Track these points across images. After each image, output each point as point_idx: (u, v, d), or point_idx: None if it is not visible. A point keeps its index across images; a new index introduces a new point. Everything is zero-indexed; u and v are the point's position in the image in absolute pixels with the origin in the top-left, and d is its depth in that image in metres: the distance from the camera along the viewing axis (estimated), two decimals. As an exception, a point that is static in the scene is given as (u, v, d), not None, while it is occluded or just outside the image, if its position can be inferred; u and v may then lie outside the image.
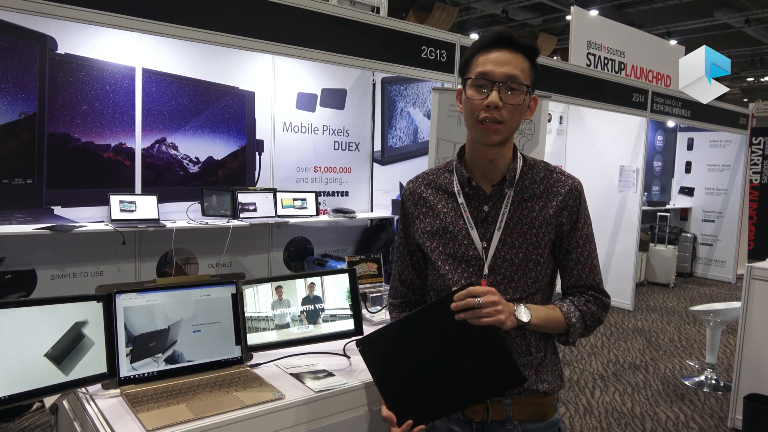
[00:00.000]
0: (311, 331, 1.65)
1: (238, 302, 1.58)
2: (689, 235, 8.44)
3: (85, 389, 1.37)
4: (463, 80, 1.31)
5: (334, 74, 5.03)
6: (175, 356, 1.46)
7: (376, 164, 5.38)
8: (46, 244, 3.72)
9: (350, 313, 1.69)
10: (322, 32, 3.69)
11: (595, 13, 8.28)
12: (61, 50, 3.71)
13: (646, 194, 8.02)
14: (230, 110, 4.48)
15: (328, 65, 4.49)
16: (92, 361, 1.35)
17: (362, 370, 1.57)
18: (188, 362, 1.48)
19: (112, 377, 1.38)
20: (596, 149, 6.71)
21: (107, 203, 3.84)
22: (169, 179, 4.22)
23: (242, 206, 4.31)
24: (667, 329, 5.76)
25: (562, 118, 6.85)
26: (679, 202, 8.77)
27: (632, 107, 6.23)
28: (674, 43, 8.54)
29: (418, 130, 4.87)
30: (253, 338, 1.59)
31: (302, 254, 4.98)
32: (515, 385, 1.24)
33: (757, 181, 8.48)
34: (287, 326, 1.63)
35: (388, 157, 5.23)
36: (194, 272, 4.37)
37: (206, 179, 4.39)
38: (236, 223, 4.21)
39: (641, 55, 7.23)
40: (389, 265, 4.28)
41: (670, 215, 8.12)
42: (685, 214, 8.73)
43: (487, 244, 1.30)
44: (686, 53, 6.74)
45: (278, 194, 4.55)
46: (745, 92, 18.90)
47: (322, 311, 1.67)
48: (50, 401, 1.41)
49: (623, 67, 7.01)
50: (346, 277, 1.72)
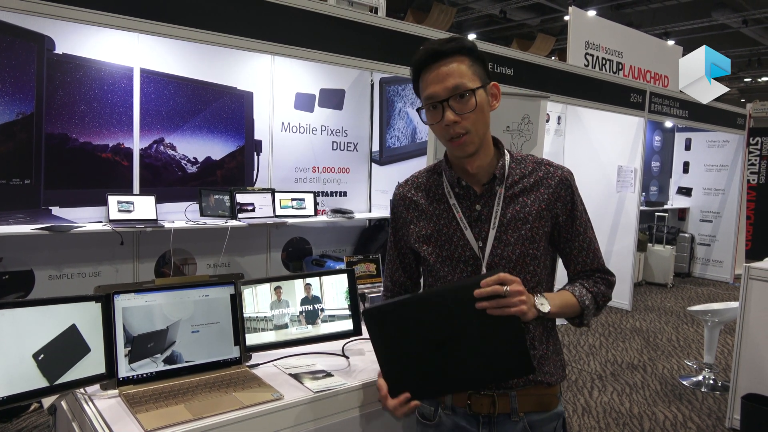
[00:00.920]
0: (310, 331, 1.66)
1: (236, 303, 1.57)
2: (687, 235, 8.45)
3: (83, 390, 1.37)
4: (419, 111, 1.33)
5: (332, 74, 5.02)
6: (173, 357, 1.46)
7: (374, 164, 5.38)
8: (44, 244, 3.72)
9: (349, 313, 1.70)
10: (320, 32, 3.69)
11: (593, 13, 8.30)
12: (58, 50, 3.71)
13: (644, 194, 8.03)
14: (228, 110, 4.48)
15: (326, 65, 4.49)
16: (90, 362, 1.35)
17: (361, 370, 1.57)
18: (187, 363, 1.48)
19: (110, 378, 1.38)
20: (594, 149, 6.72)
21: (105, 203, 3.83)
22: (167, 179, 4.21)
23: (240, 206, 4.30)
24: (665, 329, 5.77)
25: (560, 118, 6.86)
26: (676, 202, 8.79)
27: (630, 107, 6.25)
28: (672, 43, 8.56)
29: (416, 130, 4.87)
30: (251, 338, 1.59)
31: (301, 254, 4.97)
32: (523, 375, 1.26)
33: (754, 181, 8.51)
34: (286, 327, 1.63)
35: (386, 157, 5.23)
36: (192, 273, 4.37)
37: (204, 179, 4.39)
38: (234, 223, 4.20)
39: (639, 55, 7.24)
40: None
41: (668, 215, 8.13)
42: (682, 214, 8.75)
43: (482, 243, 1.31)
44: (684, 53, 6.76)
45: (276, 194, 4.54)
46: (742, 92, 18.94)
47: (321, 312, 1.67)
48: (48, 402, 1.41)
49: (621, 67, 7.02)
50: (344, 277, 1.72)
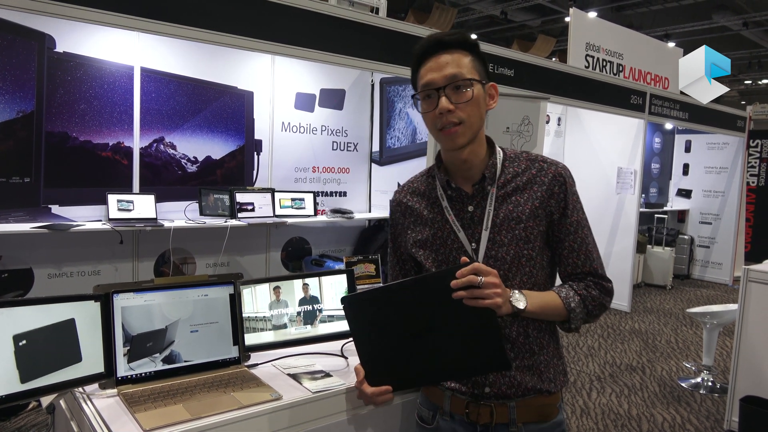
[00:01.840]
0: (309, 331, 1.66)
1: (235, 302, 1.57)
2: (686, 237, 8.46)
3: (82, 389, 1.37)
4: (414, 99, 1.33)
5: (332, 74, 5.02)
6: (172, 356, 1.46)
7: (374, 165, 5.38)
8: (43, 242, 3.71)
9: (348, 313, 1.70)
10: (321, 32, 3.69)
11: (593, 14, 8.30)
12: (59, 49, 3.70)
13: (643, 196, 8.03)
14: (229, 110, 4.48)
15: (326, 65, 4.49)
16: (87, 361, 1.35)
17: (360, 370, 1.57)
18: (186, 362, 1.48)
19: (109, 377, 1.38)
20: (594, 151, 6.72)
21: (105, 202, 3.83)
22: (167, 179, 4.21)
23: (240, 206, 4.30)
24: (664, 331, 5.77)
25: (560, 119, 6.87)
26: (676, 204, 8.79)
27: (630, 109, 6.25)
28: (672, 45, 8.56)
29: (416, 130, 4.87)
30: (250, 338, 1.59)
31: (300, 254, 4.97)
32: (499, 370, 1.25)
33: (754, 183, 8.51)
34: (285, 327, 1.63)
35: (386, 157, 5.23)
36: (192, 272, 4.37)
37: (204, 179, 4.39)
38: (234, 222, 4.20)
39: (639, 57, 7.25)
40: (387, 265, 4.27)
41: (667, 217, 8.13)
42: (682, 216, 8.76)
43: (476, 245, 1.29)
44: (684, 55, 6.76)
45: (276, 194, 4.53)
46: (742, 95, 18.94)
47: (319, 312, 1.67)
48: (47, 401, 1.41)
49: (621, 69, 7.02)
50: (343, 278, 1.72)
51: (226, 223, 4.17)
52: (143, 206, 3.93)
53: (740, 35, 12.18)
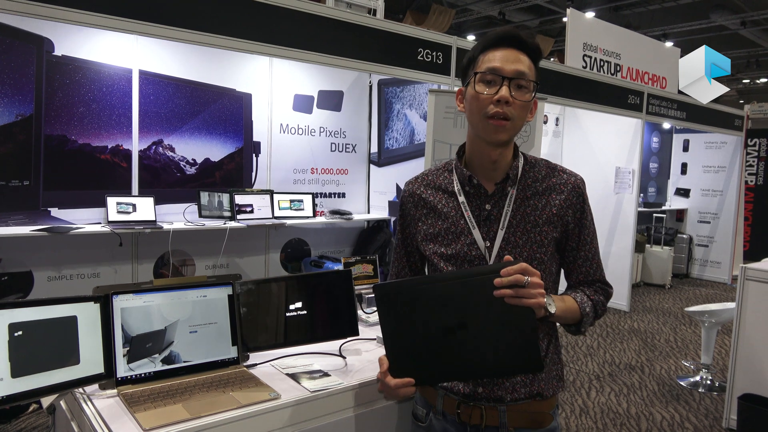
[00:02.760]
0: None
1: (234, 303, 1.59)
2: (685, 236, 8.47)
3: (82, 389, 1.38)
4: (468, 77, 1.29)
5: (330, 76, 5.04)
6: (171, 357, 1.47)
7: (372, 166, 5.40)
8: (43, 245, 3.73)
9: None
10: (318, 34, 3.71)
11: (591, 15, 8.32)
12: (58, 52, 3.72)
13: (642, 195, 8.05)
14: (227, 112, 4.49)
15: (324, 67, 4.50)
16: (87, 361, 1.36)
17: (358, 370, 1.58)
18: (185, 363, 1.48)
19: (109, 378, 1.39)
20: (592, 151, 6.73)
21: (104, 205, 3.84)
22: (165, 181, 4.22)
23: (239, 208, 4.31)
24: (662, 330, 5.78)
25: (558, 119, 6.87)
26: (674, 203, 8.81)
27: (628, 109, 6.26)
28: (670, 45, 8.58)
29: (414, 131, 4.88)
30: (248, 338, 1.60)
31: (299, 255, 4.99)
32: (530, 372, 1.23)
33: (752, 182, 8.51)
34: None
35: (384, 158, 5.25)
36: (191, 274, 4.38)
37: (203, 181, 4.40)
38: (233, 224, 4.21)
39: (637, 57, 7.26)
40: (385, 266, 4.29)
41: (666, 216, 8.15)
42: (680, 215, 8.77)
43: (490, 243, 1.28)
44: (682, 55, 6.79)
45: (275, 196, 4.55)
46: (740, 94, 18.96)
47: (317, 312, 1.68)
48: (47, 401, 1.42)
49: (619, 69, 7.04)
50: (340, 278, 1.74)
51: (225, 224, 4.18)
52: (142, 208, 3.94)
53: (738, 34, 12.20)
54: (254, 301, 1.62)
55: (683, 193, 8.75)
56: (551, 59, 9.07)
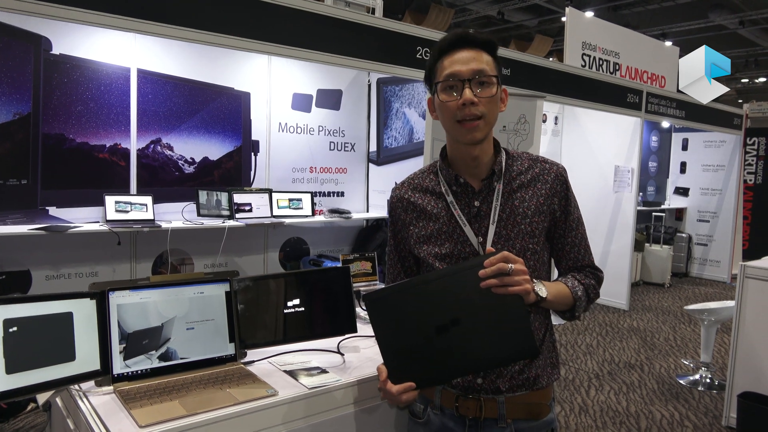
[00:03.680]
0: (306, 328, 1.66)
1: (231, 300, 1.58)
2: (684, 235, 8.47)
3: (78, 386, 1.37)
4: (432, 87, 1.34)
5: (329, 75, 5.03)
6: (168, 353, 1.46)
7: (371, 165, 5.39)
8: (40, 244, 3.71)
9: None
10: (317, 33, 3.70)
11: (590, 14, 8.32)
12: (55, 51, 3.71)
13: (641, 194, 8.04)
14: (226, 111, 4.48)
15: (323, 66, 4.50)
16: (83, 358, 1.35)
17: (356, 367, 1.57)
18: (182, 359, 1.48)
19: (105, 374, 1.38)
20: (591, 150, 6.73)
21: (102, 204, 3.83)
22: (164, 180, 4.21)
23: (238, 206, 4.30)
24: (662, 329, 5.77)
25: (557, 118, 6.87)
26: (674, 202, 8.81)
27: (627, 108, 6.26)
28: (669, 44, 8.58)
29: (413, 130, 4.87)
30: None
31: (298, 254, 4.98)
32: (526, 358, 1.24)
33: (751, 181, 8.50)
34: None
35: (383, 157, 5.24)
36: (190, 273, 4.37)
37: (202, 180, 4.39)
38: (232, 223, 4.19)
39: (636, 56, 7.26)
40: (384, 264, 4.28)
41: (665, 215, 8.15)
42: (680, 214, 8.77)
43: (483, 238, 1.31)
44: (681, 54, 6.78)
45: (274, 195, 4.54)
46: (739, 93, 18.97)
47: (315, 309, 1.68)
48: (43, 398, 1.41)
49: (618, 68, 7.04)
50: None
51: (223, 223, 4.17)
52: (141, 207, 3.93)
53: (737, 34, 12.20)
54: (252, 297, 1.62)
55: (682, 192, 8.75)
56: (550, 59, 9.06)
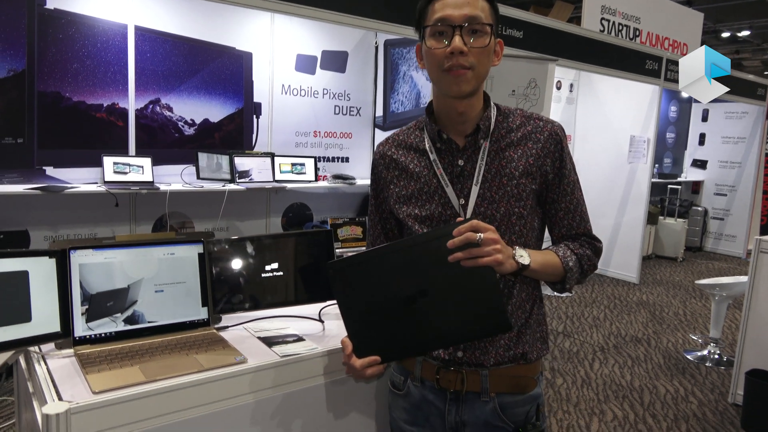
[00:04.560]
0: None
1: (205, 262, 1.49)
2: (700, 208, 8.27)
3: (38, 348, 1.31)
4: (420, 31, 1.22)
5: (335, 35, 4.86)
6: (135, 317, 1.39)
7: (377, 129, 5.25)
8: (38, 204, 3.66)
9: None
10: (320, -11, 3.53)
11: (611, -24, 7.96)
12: (50, 5, 3.59)
13: (657, 166, 7.84)
14: (227, 71, 4.35)
15: (328, 26, 4.33)
16: (40, 319, 1.27)
17: (335, 335, 1.49)
18: (149, 323, 1.41)
19: (66, 337, 1.31)
20: (607, 118, 6.56)
21: (100, 165, 3.76)
22: (163, 141, 4.12)
23: (239, 170, 4.22)
24: (672, 303, 5.66)
25: (572, 85, 6.68)
26: (691, 174, 8.59)
27: (645, 75, 6.03)
28: (692, 10, 8.21)
29: (420, 94, 4.72)
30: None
31: (301, 220, 4.90)
32: (498, 333, 1.18)
33: (773, 154, 8.24)
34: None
35: (390, 122, 5.10)
36: (190, 236, 4.31)
37: (202, 142, 4.29)
38: (232, 187, 4.12)
39: (657, 21, 6.96)
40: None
41: (681, 188, 7.95)
42: (696, 187, 8.55)
43: (465, 200, 1.22)
44: (705, 21, 6.48)
45: (276, 159, 4.45)
46: (766, 65, 18.32)
47: (295, 273, 1.59)
48: (0, 360, 1.34)
49: (638, 33, 6.75)
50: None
51: (224, 187, 4.09)
52: (139, 169, 3.85)
53: (764, 2, 11.67)
54: (227, 260, 1.54)
55: (700, 164, 8.51)
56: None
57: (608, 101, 6.52)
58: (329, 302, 1.66)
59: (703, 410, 3.38)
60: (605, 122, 6.55)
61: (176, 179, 4.10)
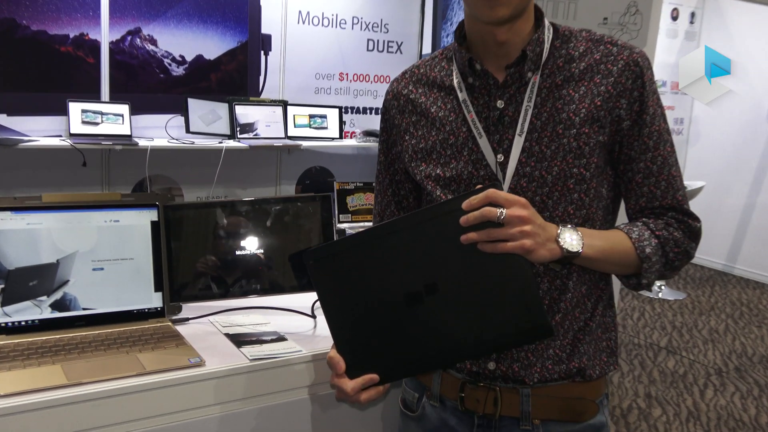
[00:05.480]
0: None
1: (160, 233, 1.49)
2: None
3: (-59, 338, 1.33)
4: None
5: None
6: (65, 301, 1.41)
7: (424, 72, 5.22)
8: (-11, 162, 3.80)
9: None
10: None
11: None
12: None
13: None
14: (227, -7, 4.41)
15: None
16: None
17: (328, 336, 1.45)
18: (84, 311, 1.43)
19: (-25, 324, 1.33)
20: (740, 60, 6.48)
21: (65, 112, 3.86)
22: (144, 84, 4.22)
23: (241, 123, 4.25)
24: (822, 314, 5.48)
25: (693, 15, 6.64)
26: None
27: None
28: None
29: (481, 25, 4.65)
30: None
31: (320, 188, 4.92)
32: (535, 340, 1.15)
33: None
34: (231, 269, 1.57)
35: (441, 62, 5.06)
36: (179, 207, 4.40)
37: (194, 85, 4.37)
38: (232, 144, 4.20)
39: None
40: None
41: None
42: None
43: (504, 156, 1.18)
44: None
45: (289, 109, 4.52)
46: None
47: (281, 252, 1.60)
48: None
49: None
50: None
51: (221, 144, 4.16)
52: (115, 119, 3.95)
53: None
54: (191, 232, 1.55)
55: None
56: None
57: (744, 36, 6.41)
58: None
59: None
60: (738, 65, 6.45)
61: (161, 133, 4.20)
